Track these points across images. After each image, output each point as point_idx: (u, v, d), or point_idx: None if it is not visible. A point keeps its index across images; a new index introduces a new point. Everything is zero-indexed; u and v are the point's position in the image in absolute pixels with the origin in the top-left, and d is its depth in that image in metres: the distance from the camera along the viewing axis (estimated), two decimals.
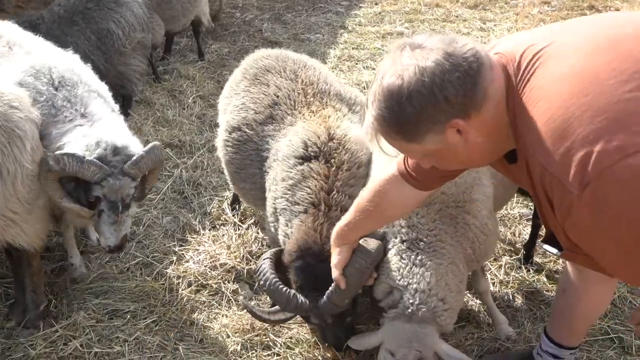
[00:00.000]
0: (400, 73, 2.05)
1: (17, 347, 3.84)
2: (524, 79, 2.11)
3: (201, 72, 7.98)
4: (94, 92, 3.94)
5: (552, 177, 1.99)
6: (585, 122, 1.92)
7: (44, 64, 3.91)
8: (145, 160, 3.69)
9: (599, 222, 1.93)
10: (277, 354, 3.80)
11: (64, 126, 3.69)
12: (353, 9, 10.36)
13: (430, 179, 2.73)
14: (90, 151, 3.55)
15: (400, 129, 2.13)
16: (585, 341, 3.77)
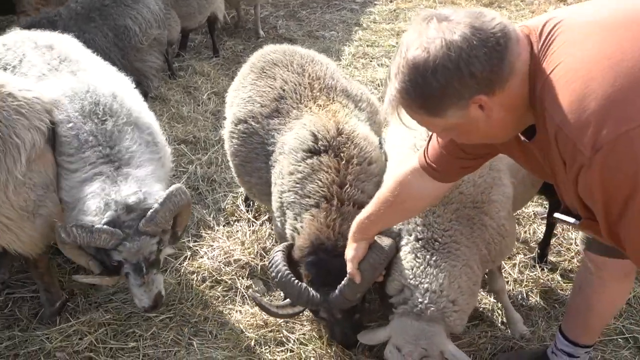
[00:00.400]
0: (427, 46, 2.01)
1: (33, 340, 3.89)
2: (546, 45, 2.08)
3: (216, 69, 8.01)
4: (129, 126, 3.65)
5: (566, 137, 1.95)
6: (605, 85, 1.88)
7: (82, 87, 3.71)
8: (161, 214, 3.40)
9: (607, 185, 1.90)
10: (290, 350, 3.82)
11: (86, 170, 3.49)
12: (368, 6, 10.33)
13: (450, 169, 2.73)
14: (100, 215, 3.35)
15: (424, 102, 2.10)
16: (600, 340, 3.75)
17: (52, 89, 3.69)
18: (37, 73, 3.88)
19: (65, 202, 3.55)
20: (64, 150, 3.55)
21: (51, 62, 3.94)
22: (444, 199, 3.18)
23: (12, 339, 3.89)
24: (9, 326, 4.03)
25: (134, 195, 3.38)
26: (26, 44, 4.14)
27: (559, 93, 1.97)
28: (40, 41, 4.16)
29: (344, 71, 7.65)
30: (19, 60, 4.03)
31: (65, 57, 4.00)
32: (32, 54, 4.03)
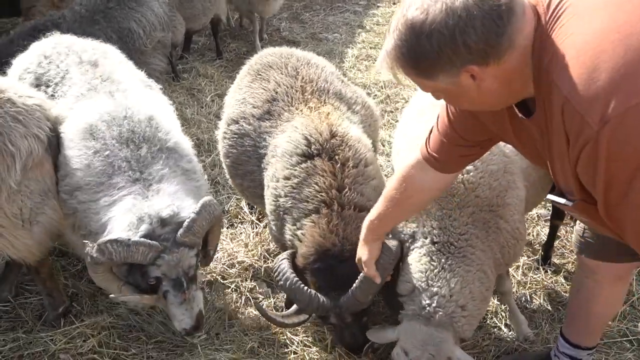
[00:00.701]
0: (427, 7, 1.99)
1: (37, 342, 3.89)
2: (554, 18, 2.05)
3: (219, 71, 8.03)
4: (163, 152, 3.51)
5: (573, 110, 1.91)
6: (615, 57, 1.85)
7: (120, 112, 3.58)
8: (198, 223, 3.23)
9: (613, 160, 1.86)
10: (294, 352, 3.82)
11: (113, 194, 3.33)
12: (371, 9, 10.35)
13: (451, 158, 2.74)
14: (134, 229, 3.17)
15: (415, 64, 2.09)
16: (603, 343, 3.76)
17: (89, 112, 3.60)
18: (76, 93, 3.79)
19: (89, 232, 3.37)
20: (92, 180, 3.39)
21: (92, 82, 3.82)
22: (460, 202, 3.20)
23: (17, 341, 3.89)
24: (13, 328, 4.03)
25: (168, 208, 3.23)
26: (70, 57, 4.02)
27: (567, 66, 1.93)
28: (85, 55, 4.04)
29: (347, 73, 7.70)
30: (62, 77, 3.92)
31: (108, 76, 3.89)
32: (75, 71, 3.91)
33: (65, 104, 3.74)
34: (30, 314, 4.15)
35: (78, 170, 3.42)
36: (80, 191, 3.41)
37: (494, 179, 3.25)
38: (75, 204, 3.44)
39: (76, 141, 3.51)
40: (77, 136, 3.52)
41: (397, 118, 6.65)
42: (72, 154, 3.49)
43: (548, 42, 2.03)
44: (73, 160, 3.47)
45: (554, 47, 2.00)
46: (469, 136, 2.63)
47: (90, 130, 3.49)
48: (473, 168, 3.24)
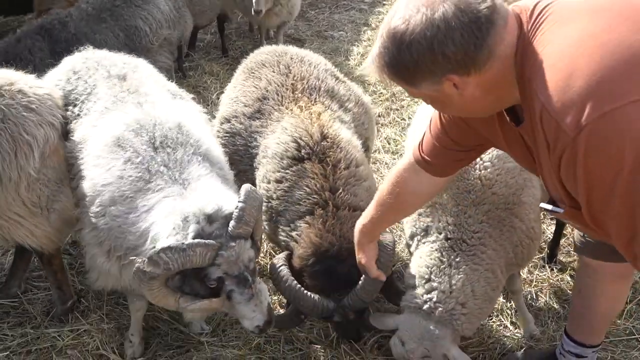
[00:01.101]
0: (408, 18, 2.01)
1: (45, 337, 3.91)
2: (536, 26, 2.07)
3: (225, 69, 8.03)
4: (197, 156, 3.32)
5: (549, 117, 1.92)
6: (590, 63, 1.85)
7: (149, 120, 3.40)
8: (248, 211, 2.98)
9: (591, 167, 1.86)
10: (299, 348, 3.83)
11: (152, 197, 3.10)
12: (377, 6, 10.34)
13: (444, 163, 2.75)
14: (182, 231, 2.90)
15: (397, 72, 2.12)
16: (609, 341, 3.76)
17: (115, 125, 3.42)
18: (100, 108, 3.63)
19: (128, 249, 3.12)
20: (127, 190, 3.16)
21: (119, 95, 3.67)
22: (476, 199, 3.21)
23: (25, 336, 3.92)
24: (21, 323, 4.06)
25: (210, 203, 2.97)
26: (99, 72, 3.89)
27: (545, 73, 1.95)
28: (114, 69, 3.90)
29: (352, 71, 7.69)
30: (88, 93, 3.78)
31: (136, 89, 3.72)
32: (103, 86, 3.77)
33: (89, 121, 3.59)
34: (39, 309, 4.17)
35: (109, 185, 3.20)
36: (115, 205, 3.17)
37: (510, 176, 3.26)
38: (108, 222, 3.18)
39: (104, 156, 3.31)
40: (105, 151, 3.32)
41: (403, 116, 6.66)
42: (100, 171, 3.28)
43: (529, 50, 2.04)
44: (102, 177, 3.25)
45: (535, 55, 2.02)
46: (461, 141, 2.63)
47: (117, 143, 3.31)
48: (490, 165, 3.26)
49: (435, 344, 3.09)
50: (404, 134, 6.29)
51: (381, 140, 6.18)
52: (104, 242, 3.22)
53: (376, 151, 5.97)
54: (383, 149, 6.05)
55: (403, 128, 6.43)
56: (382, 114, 6.71)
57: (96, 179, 3.27)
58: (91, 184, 3.28)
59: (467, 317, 3.14)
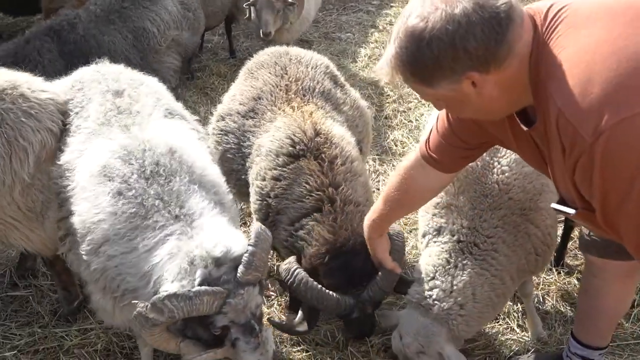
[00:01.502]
0: (427, 15, 2.02)
1: (52, 337, 3.94)
2: (550, 28, 2.08)
3: (232, 70, 8.03)
4: (194, 184, 3.07)
5: (567, 122, 1.94)
6: (608, 70, 1.87)
7: (138, 145, 3.14)
8: (258, 256, 2.78)
9: (608, 172, 1.89)
10: (305, 350, 3.84)
11: (152, 236, 2.86)
12: (384, 8, 10.33)
13: (450, 159, 2.77)
14: (189, 277, 2.70)
15: (416, 71, 2.11)
16: (616, 345, 3.75)
17: (101, 152, 3.18)
18: (88, 129, 3.41)
19: (129, 284, 2.90)
20: (122, 228, 2.92)
21: (107, 114, 3.42)
22: (493, 203, 3.21)
23: (32, 336, 3.95)
24: (29, 323, 4.08)
25: (218, 246, 2.77)
26: (100, 85, 3.67)
27: (562, 78, 1.96)
28: (114, 85, 3.66)
29: (359, 73, 7.70)
30: (82, 106, 3.61)
31: (127, 107, 3.47)
32: (96, 101, 3.56)
33: (75, 144, 3.38)
34: (47, 308, 4.19)
35: (102, 222, 2.95)
36: (109, 244, 2.93)
37: (528, 181, 3.26)
38: (103, 262, 2.95)
39: (90, 189, 3.06)
40: (91, 183, 3.07)
41: (410, 118, 6.65)
42: (88, 206, 3.03)
43: (545, 53, 2.06)
44: (92, 213, 3.00)
45: (550, 59, 2.03)
46: (468, 139, 2.66)
47: (104, 172, 3.06)
48: (508, 169, 3.26)
49: (429, 340, 3.12)
50: (411, 136, 6.30)
51: (388, 142, 6.18)
52: (99, 280, 3.03)
53: (383, 153, 5.97)
54: (390, 150, 6.05)
55: (410, 130, 6.42)
56: (390, 116, 6.71)
57: (85, 214, 3.03)
58: (80, 220, 3.05)
59: (464, 319, 3.15)
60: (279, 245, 3.67)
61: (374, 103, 6.84)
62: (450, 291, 3.13)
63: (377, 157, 5.88)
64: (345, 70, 7.77)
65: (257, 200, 3.72)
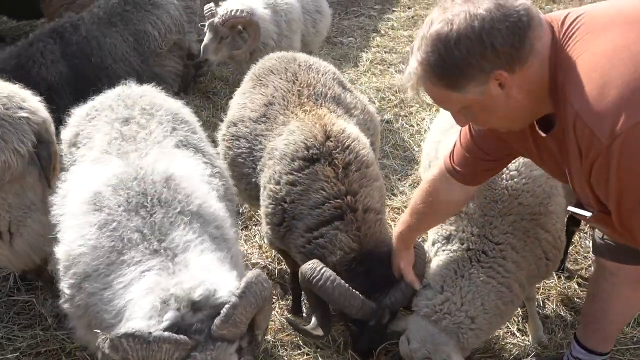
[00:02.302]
0: (451, 19, 2.08)
1: (54, 340, 3.95)
2: (568, 35, 2.13)
3: (235, 74, 8.04)
4: (185, 216, 2.79)
5: (584, 125, 1.98)
6: (625, 74, 1.92)
7: (131, 173, 2.92)
8: (241, 310, 2.40)
9: (624, 174, 1.94)
10: (307, 354, 3.84)
11: (128, 273, 2.60)
12: (386, 13, 10.36)
13: (474, 172, 2.82)
14: (157, 317, 2.38)
15: (445, 74, 2.14)
16: (616, 350, 3.75)
17: (95, 179, 2.97)
18: (90, 158, 3.23)
19: (106, 322, 2.62)
20: (101, 263, 2.68)
21: (112, 143, 3.23)
22: (503, 210, 3.21)
23: (35, 338, 3.95)
24: (31, 325, 4.09)
25: (201, 287, 2.44)
26: (112, 114, 3.47)
27: (580, 82, 2.01)
28: (124, 112, 3.46)
29: (361, 78, 7.72)
30: (90, 138, 3.41)
31: (133, 135, 3.26)
32: (102, 131, 3.38)
33: (77, 172, 3.22)
34: (50, 311, 4.19)
35: (84, 256, 2.72)
36: (89, 281, 2.71)
37: (537, 185, 3.25)
38: (85, 299, 2.73)
39: (79, 218, 2.84)
40: (80, 211, 2.85)
41: (411, 122, 6.67)
42: (75, 236, 2.80)
43: (562, 59, 2.11)
44: (76, 244, 2.77)
45: (568, 64, 2.08)
46: (491, 152, 2.71)
47: (94, 201, 2.84)
48: (517, 174, 3.25)
49: (437, 348, 3.12)
50: (412, 140, 6.32)
51: (390, 147, 6.19)
52: (82, 317, 2.80)
53: (385, 157, 5.99)
54: (391, 155, 6.07)
55: (412, 134, 6.44)
56: (391, 121, 6.73)
57: (70, 245, 2.81)
58: (64, 250, 2.84)
59: (474, 333, 3.16)
60: (295, 251, 3.65)
61: (376, 107, 6.84)
62: (461, 304, 3.12)
63: (378, 162, 5.87)
64: (347, 74, 7.79)
65: (271, 204, 3.70)
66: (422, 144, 6.17)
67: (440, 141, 3.69)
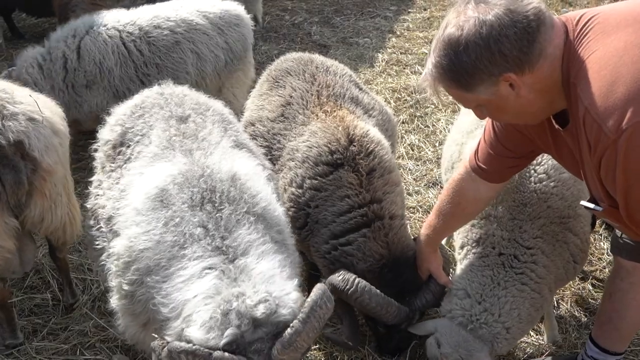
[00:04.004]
0: (462, 24, 2.17)
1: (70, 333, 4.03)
2: (582, 34, 2.19)
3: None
4: (251, 216, 2.75)
5: (592, 120, 2.05)
6: (634, 70, 1.98)
7: (197, 170, 2.87)
8: (304, 337, 2.33)
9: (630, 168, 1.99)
10: (321, 349, 3.88)
11: (188, 267, 2.56)
12: (402, 14, 10.39)
13: (498, 169, 2.87)
14: (217, 330, 2.33)
15: (455, 76, 2.24)
16: (630, 350, 3.76)
17: (160, 175, 2.91)
18: (150, 154, 3.14)
19: (162, 315, 2.59)
20: (162, 257, 2.64)
21: (172, 139, 3.15)
22: (532, 213, 3.21)
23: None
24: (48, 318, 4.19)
25: (263, 304, 2.38)
26: (163, 111, 3.39)
27: (590, 79, 2.08)
28: (178, 110, 3.38)
29: (377, 78, 7.76)
30: (144, 134, 3.30)
31: (193, 133, 3.19)
32: (159, 127, 3.27)
33: (136, 167, 3.12)
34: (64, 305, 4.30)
35: (147, 250, 2.69)
36: (150, 275, 2.67)
37: (566, 187, 3.24)
38: (145, 293, 2.70)
39: (145, 213, 2.80)
40: (146, 206, 2.81)
41: (426, 123, 6.70)
42: (140, 230, 2.75)
43: (575, 57, 2.17)
44: (141, 239, 2.73)
45: (580, 62, 2.14)
46: (514, 148, 2.76)
47: (160, 197, 2.80)
48: (546, 177, 3.24)
49: (470, 354, 3.10)
50: (427, 141, 6.34)
51: (405, 147, 6.23)
52: (140, 314, 2.77)
53: (400, 157, 6.02)
54: (407, 155, 6.10)
55: (427, 135, 6.47)
56: (406, 121, 6.76)
57: (134, 240, 2.76)
58: (127, 245, 2.78)
59: (508, 341, 3.18)
60: (316, 255, 3.64)
61: (391, 108, 6.87)
62: (499, 315, 3.12)
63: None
64: (362, 75, 7.83)
65: (293, 207, 3.67)
66: (437, 145, 6.20)
67: (464, 143, 3.70)
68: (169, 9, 5.82)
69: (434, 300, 3.39)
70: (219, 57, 5.83)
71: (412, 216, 5.11)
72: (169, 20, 5.65)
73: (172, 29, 5.61)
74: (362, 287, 3.24)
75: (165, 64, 5.57)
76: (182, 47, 5.60)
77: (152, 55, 5.53)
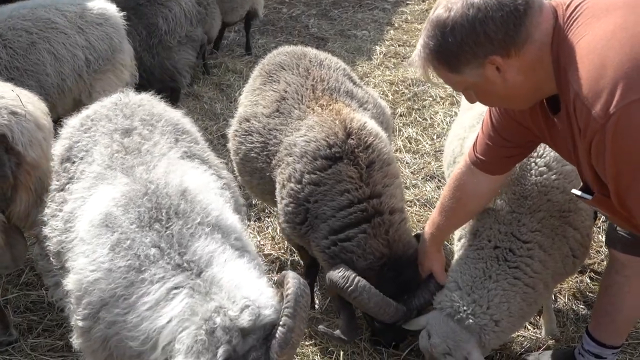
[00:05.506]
0: (451, 6, 2.18)
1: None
2: (572, 19, 2.19)
3: (248, 67, 8.07)
4: (205, 227, 2.58)
5: (582, 105, 2.04)
6: (622, 54, 1.97)
7: (138, 190, 2.68)
8: (297, 332, 2.27)
9: (618, 152, 1.98)
10: (317, 344, 3.87)
11: (151, 291, 2.35)
12: (400, 6, 10.35)
13: (497, 160, 2.86)
14: (209, 352, 2.17)
15: (442, 57, 2.26)
16: (628, 344, 3.75)
17: (102, 200, 2.73)
18: (92, 174, 2.96)
19: (131, 351, 2.37)
20: (118, 285, 2.42)
21: (113, 157, 2.97)
22: (532, 206, 3.17)
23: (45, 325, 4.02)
24: (44, 315, 4.16)
25: (247, 310, 2.24)
26: (109, 124, 3.21)
27: (579, 64, 2.08)
28: (123, 122, 3.20)
29: (375, 71, 7.73)
30: (87, 150, 3.14)
31: (136, 147, 3.02)
32: (102, 143, 3.10)
33: (79, 191, 2.93)
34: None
35: (97, 282, 2.47)
36: (107, 309, 2.44)
37: (568, 180, 3.18)
38: (104, 330, 2.46)
39: (90, 241, 2.60)
40: (91, 235, 2.61)
41: (424, 116, 6.67)
42: (86, 261, 2.55)
43: (565, 42, 2.17)
44: (88, 271, 2.51)
45: (569, 47, 2.14)
46: (511, 138, 2.75)
47: (105, 222, 2.61)
48: (547, 169, 3.19)
49: (457, 344, 3.10)
50: (425, 133, 6.32)
51: (402, 140, 6.20)
52: (99, 350, 2.54)
53: (397, 150, 5.99)
54: (404, 148, 6.07)
55: (424, 128, 6.44)
56: (404, 114, 6.73)
57: (81, 272, 2.55)
58: (76, 278, 2.58)
59: (496, 335, 3.15)
60: (316, 249, 3.62)
61: (389, 100, 6.86)
62: (487, 307, 3.10)
63: None
64: (360, 67, 7.80)
65: (292, 203, 3.64)
66: (434, 137, 6.18)
67: (466, 137, 3.66)
68: (26, 9, 5.36)
69: (431, 300, 3.35)
70: (77, 56, 5.38)
71: (410, 209, 5.08)
72: (24, 20, 5.22)
73: (27, 30, 5.17)
74: (362, 286, 3.23)
75: (25, 67, 5.10)
76: (38, 48, 5.17)
77: (10, 59, 5.06)
